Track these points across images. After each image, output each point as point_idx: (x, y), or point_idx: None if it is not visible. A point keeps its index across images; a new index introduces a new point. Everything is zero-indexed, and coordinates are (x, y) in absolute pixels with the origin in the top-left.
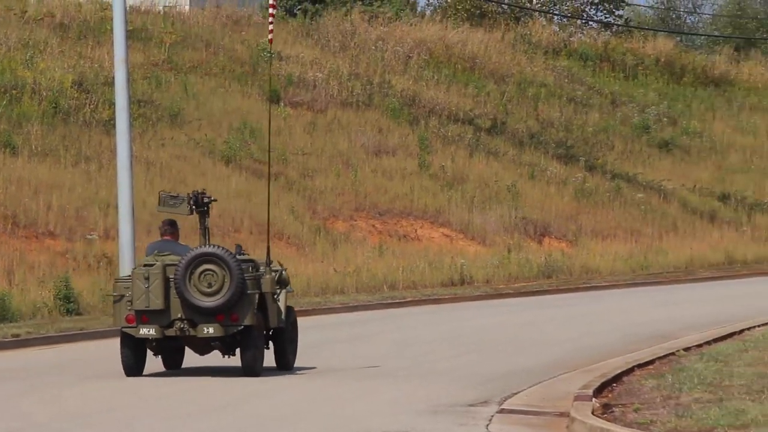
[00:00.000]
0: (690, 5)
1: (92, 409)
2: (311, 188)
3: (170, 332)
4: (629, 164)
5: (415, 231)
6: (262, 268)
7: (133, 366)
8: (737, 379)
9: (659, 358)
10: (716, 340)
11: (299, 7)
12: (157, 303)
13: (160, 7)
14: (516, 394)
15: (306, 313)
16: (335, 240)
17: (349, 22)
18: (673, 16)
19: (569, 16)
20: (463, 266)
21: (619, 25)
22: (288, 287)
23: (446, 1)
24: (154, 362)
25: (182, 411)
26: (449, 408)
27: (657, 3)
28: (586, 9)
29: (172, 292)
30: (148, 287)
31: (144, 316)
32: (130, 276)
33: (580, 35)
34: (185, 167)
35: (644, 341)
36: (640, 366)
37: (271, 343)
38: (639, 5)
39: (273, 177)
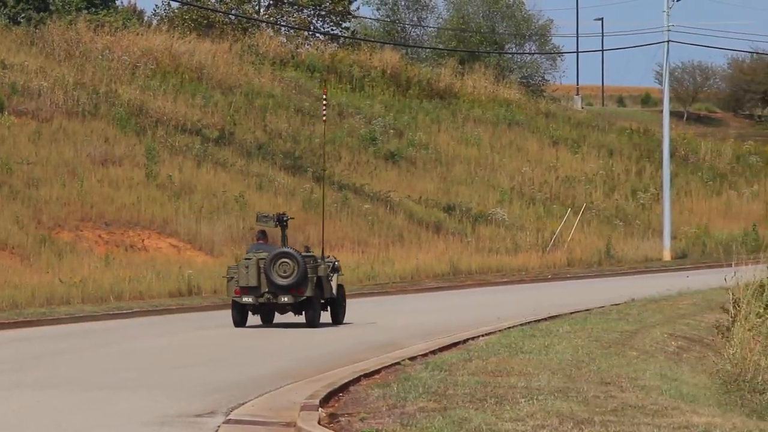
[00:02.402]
0: (415, 18)
1: None
2: (36, 198)
3: (261, 300)
4: (356, 175)
5: (143, 241)
6: (319, 260)
7: (239, 321)
8: (461, 387)
9: (385, 367)
10: (441, 350)
11: (23, 15)
12: (253, 282)
13: None
14: (243, 404)
15: (29, 324)
16: (61, 250)
17: (75, 30)
18: (399, 29)
19: (296, 28)
20: (191, 276)
21: (345, 37)
22: (339, 272)
23: (173, 11)
24: None
25: None
26: (176, 419)
27: (383, 16)
28: (313, 21)
29: (262, 275)
30: (247, 272)
31: (245, 290)
32: (236, 264)
33: (307, 47)
34: None
35: (371, 350)
36: (367, 375)
37: (328, 308)
38: (365, 18)
39: None
